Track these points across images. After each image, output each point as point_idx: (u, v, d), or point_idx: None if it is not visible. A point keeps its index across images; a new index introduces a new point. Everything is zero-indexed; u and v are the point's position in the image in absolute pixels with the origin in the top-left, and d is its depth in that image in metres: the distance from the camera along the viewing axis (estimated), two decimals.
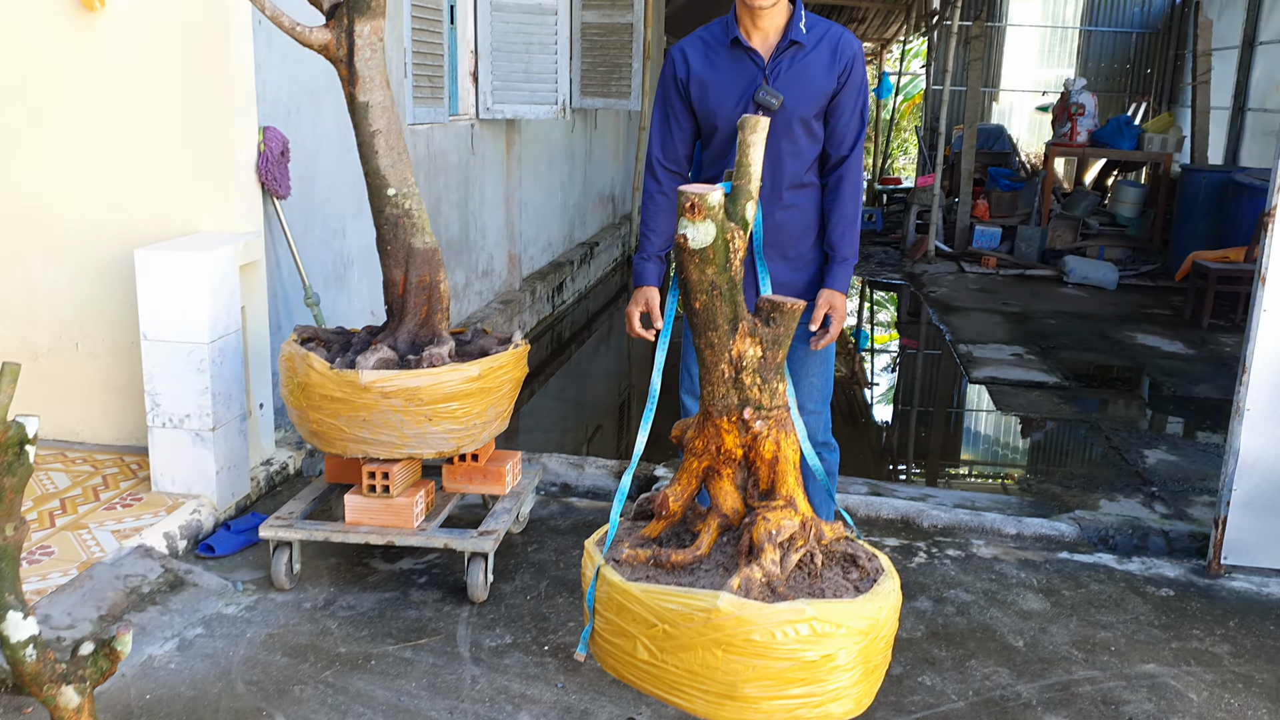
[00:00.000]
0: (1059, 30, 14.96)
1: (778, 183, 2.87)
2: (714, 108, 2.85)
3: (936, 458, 5.84)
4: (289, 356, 3.13)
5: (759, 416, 1.70)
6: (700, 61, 2.87)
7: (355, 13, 3.00)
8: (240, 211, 3.75)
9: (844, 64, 2.82)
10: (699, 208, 1.65)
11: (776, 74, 2.79)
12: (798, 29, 2.79)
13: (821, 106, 2.84)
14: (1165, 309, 9.17)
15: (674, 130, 2.96)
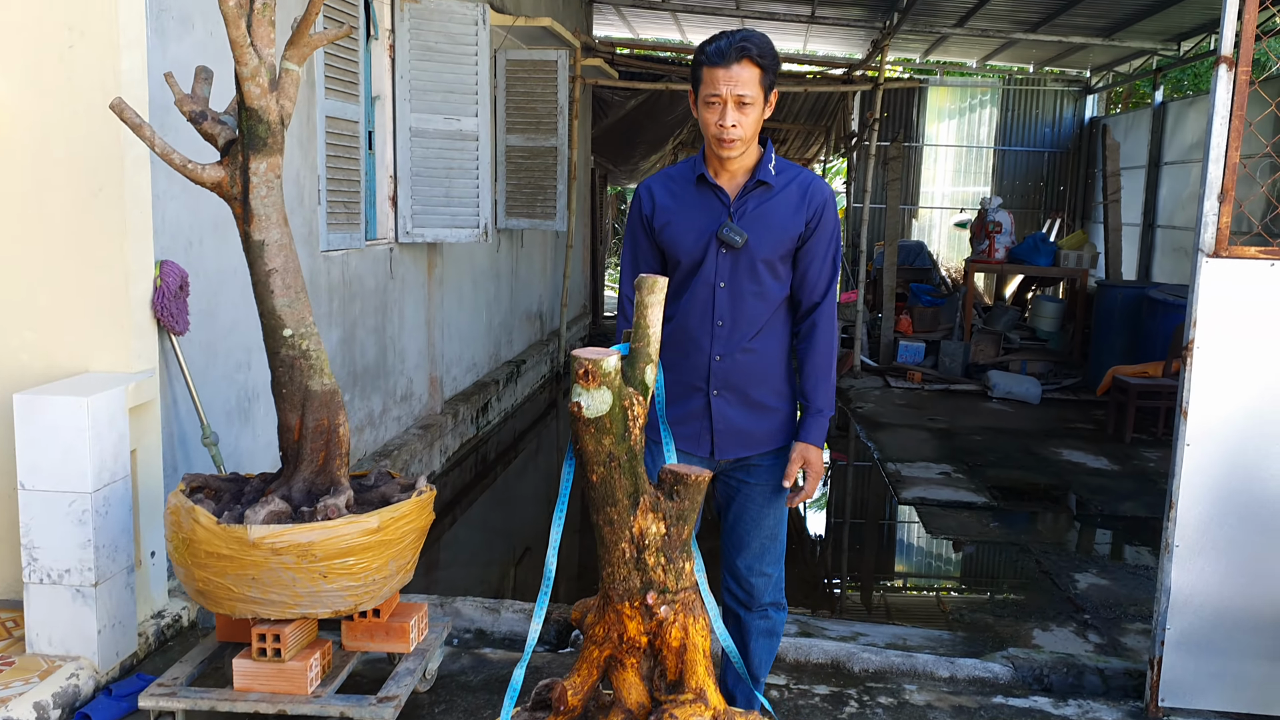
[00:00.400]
0: (974, 150, 15.43)
1: (739, 324, 2.78)
2: (677, 242, 2.80)
3: (868, 584, 5.71)
4: (174, 510, 2.92)
5: (664, 601, 1.56)
6: (666, 196, 2.84)
7: (251, 150, 2.88)
8: (133, 350, 3.55)
9: (814, 209, 2.78)
10: (593, 374, 1.52)
11: (742, 213, 2.75)
12: (766, 170, 2.76)
13: (787, 249, 2.77)
14: (1088, 423, 9.24)
15: (642, 267, 2.89)
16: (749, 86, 2.61)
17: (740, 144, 2.66)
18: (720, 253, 2.74)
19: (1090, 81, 14.84)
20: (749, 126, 2.65)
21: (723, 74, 2.60)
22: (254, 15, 2.84)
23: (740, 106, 2.62)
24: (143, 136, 2.85)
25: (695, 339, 2.79)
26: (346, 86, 5.42)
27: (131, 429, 3.49)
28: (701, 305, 2.78)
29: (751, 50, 2.61)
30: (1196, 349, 3.20)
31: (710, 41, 2.66)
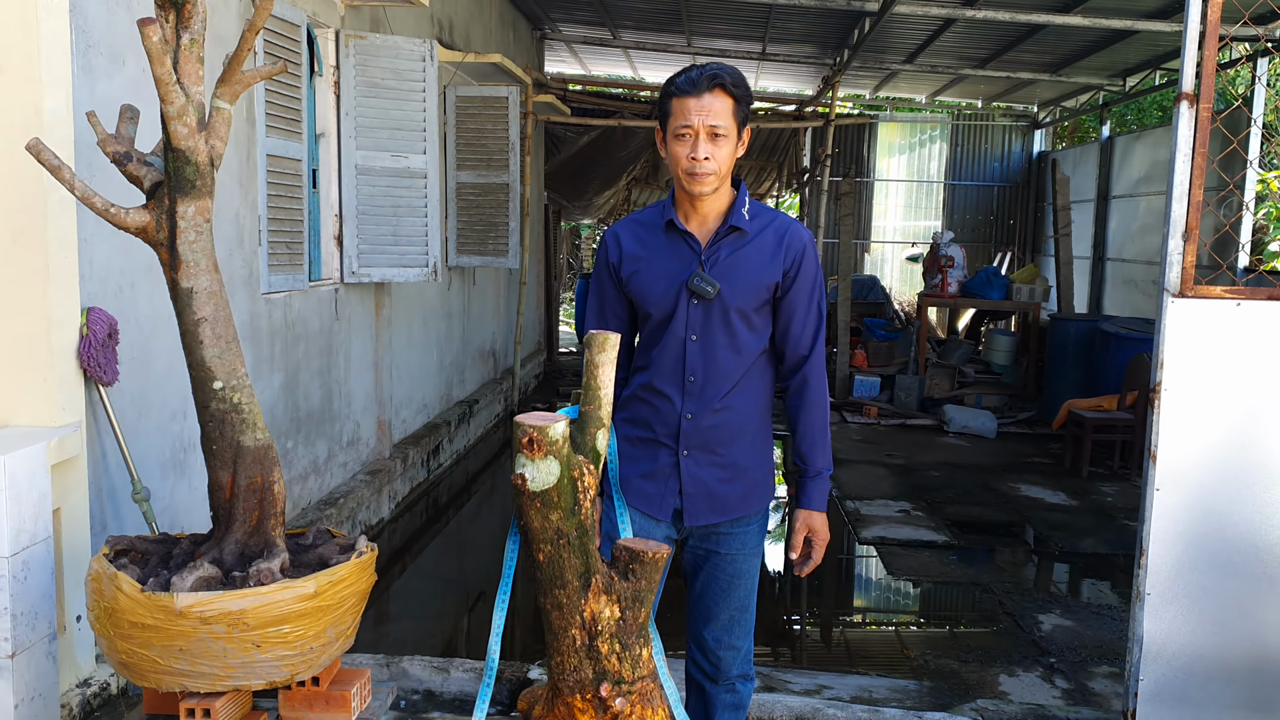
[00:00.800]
0: (924, 184, 15.52)
1: (712, 379, 2.61)
2: (646, 292, 2.63)
3: (830, 628, 5.57)
4: (96, 577, 2.73)
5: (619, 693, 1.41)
6: (633, 243, 2.67)
7: (178, 192, 2.72)
8: (57, 403, 3.36)
9: (792, 257, 2.60)
10: (538, 443, 1.38)
11: (714, 261, 2.58)
12: (739, 215, 2.59)
13: (763, 299, 2.60)
14: (1045, 457, 9.22)
15: (609, 318, 2.72)
16: (722, 117, 2.48)
17: (714, 179, 2.51)
18: (691, 304, 2.58)
19: (1038, 116, 15.01)
20: (723, 160, 2.50)
21: (694, 103, 2.47)
22: (180, 51, 2.69)
23: (713, 138, 2.48)
24: (62, 179, 2.68)
25: (665, 394, 2.62)
26: (289, 124, 5.26)
27: (54, 487, 3.29)
28: (672, 359, 2.62)
29: (724, 79, 2.48)
30: (1164, 391, 3.12)
31: (680, 73, 2.54)
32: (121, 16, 3.77)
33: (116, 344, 3.62)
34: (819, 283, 2.66)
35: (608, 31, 12.09)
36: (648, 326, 2.66)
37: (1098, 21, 8.77)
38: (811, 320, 2.65)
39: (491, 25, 9.87)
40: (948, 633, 5.32)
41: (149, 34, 2.56)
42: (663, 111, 2.56)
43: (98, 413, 3.66)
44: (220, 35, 4.52)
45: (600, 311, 2.74)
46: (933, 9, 8.92)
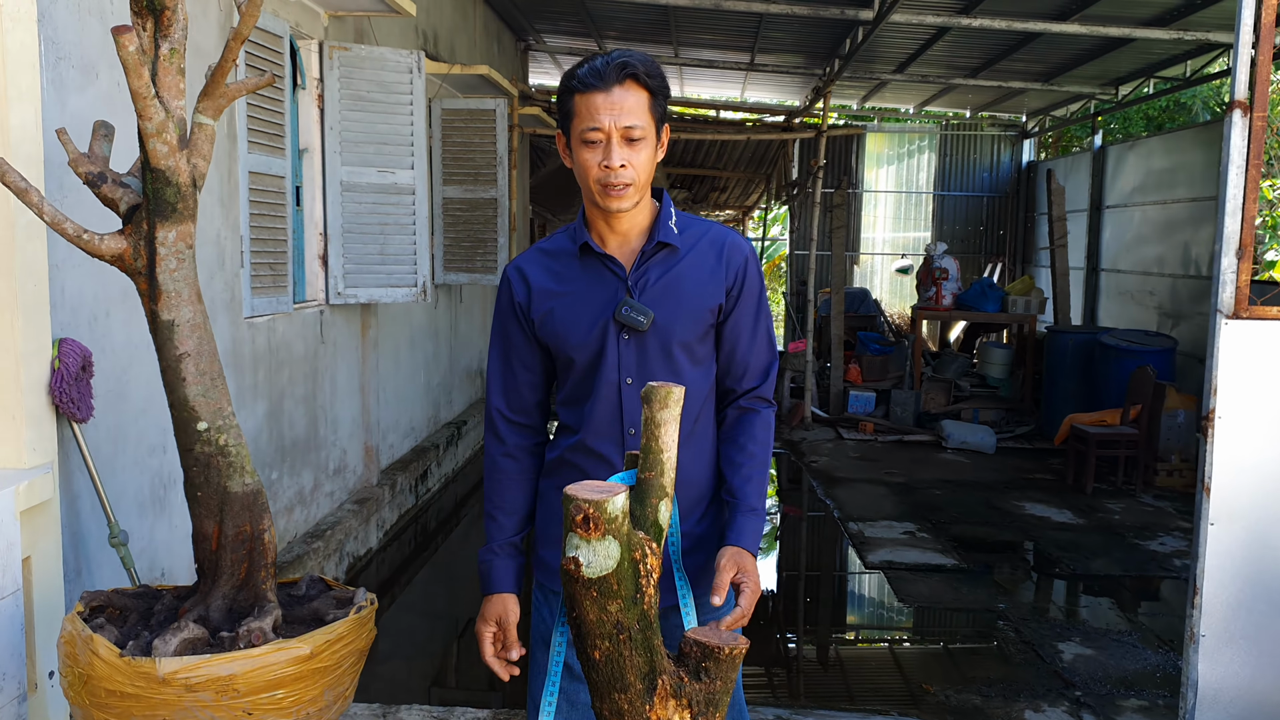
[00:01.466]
0: (913, 195, 15.38)
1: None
2: (564, 333, 2.19)
3: (844, 660, 5.35)
4: (69, 639, 2.48)
5: None
6: (543, 277, 2.23)
7: (157, 216, 2.48)
8: (27, 442, 3.11)
9: (734, 272, 2.20)
10: (596, 521, 1.16)
11: (643, 285, 2.17)
12: (667, 228, 2.18)
13: (706, 325, 2.19)
14: (1047, 473, 9.05)
15: (518, 371, 2.29)
16: (637, 115, 2.06)
17: (633, 191, 2.09)
18: (622, 339, 2.15)
19: (1026, 126, 14.90)
20: (642, 168, 2.09)
21: (602, 100, 2.03)
22: (159, 62, 2.46)
23: (629, 142, 2.06)
24: (29, 203, 2.44)
25: (600, 454, 2.19)
26: (271, 139, 5.02)
27: (24, 534, 3.04)
28: (605, 410, 2.19)
29: (637, 69, 2.06)
30: (1218, 418, 2.93)
31: (582, 64, 2.10)
32: (94, 26, 3.53)
33: (91, 376, 3.37)
34: (764, 300, 2.28)
35: (593, 43, 11.90)
36: (572, 375, 2.23)
37: (1095, 29, 8.63)
38: (761, 344, 2.25)
39: (476, 36, 9.66)
40: (966, 664, 5.11)
41: (125, 43, 2.32)
42: (563, 111, 2.11)
43: (71, 451, 3.41)
44: (199, 47, 4.28)
45: (505, 366, 2.31)
46: (928, 18, 8.76)
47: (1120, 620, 5.65)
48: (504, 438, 2.32)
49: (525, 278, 2.25)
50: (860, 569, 6.55)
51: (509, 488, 2.32)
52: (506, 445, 2.32)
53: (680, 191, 15.62)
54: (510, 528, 2.32)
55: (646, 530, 1.24)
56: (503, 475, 2.33)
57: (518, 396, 2.31)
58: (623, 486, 1.21)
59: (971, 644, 5.35)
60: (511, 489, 2.32)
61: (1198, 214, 10.05)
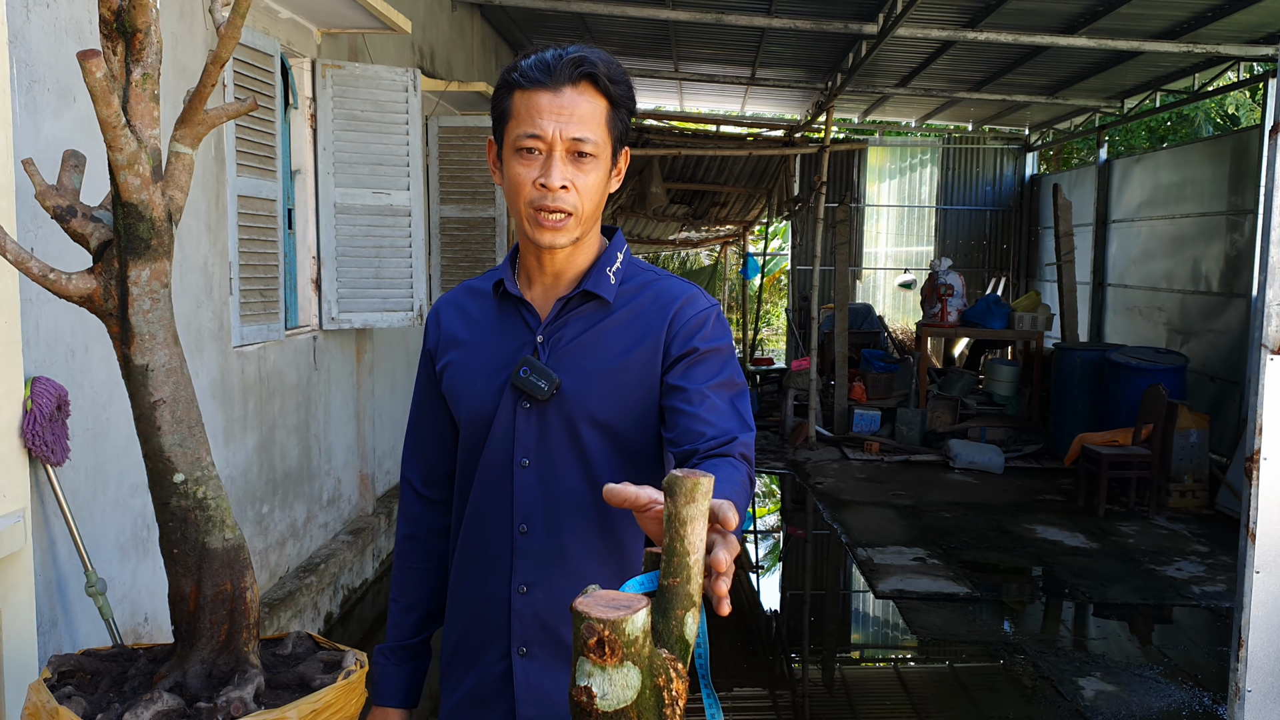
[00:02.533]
0: (916, 209, 15.23)
1: (558, 530, 1.72)
2: (459, 390, 1.78)
3: (859, 699, 5.15)
4: (34, 711, 2.29)
5: None
6: (456, 321, 1.84)
7: (130, 254, 2.30)
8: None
9: (682, 333, 1.68)
10: (612, 644, 0.98)
11: (555, 342, 1.71)
12: (601, 275, 1.72)
13: (637, 406, 1.69)
14: (1057, 494, 8.88)
15: (428, 433, 1.90)
16: (590, 125, 1.61)
17: (573, 223, 1.64)
18: (521, 408, 1.70)
19: (1029, 139, 14.76)
20: (588, 194, 1.64)
21: (548, 101, 1.60)
22: (131, 89, 2.28)
23: (576, 158, 1.62)
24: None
25: (487, 555, 1.76)
26: (262, 161, 4.86)
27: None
28: (494, 497, 1.74)
29: (596, 69, 1.61)
30: (1264, 460, 2.75)
31: (528, 53, 1.65)
32: (71, 48, 3.36)
33: (67, 416, 3.20)
34: (733, 367, 1.69)
35: None
36: (463, 448, 1.81)
37: (1103, 43, 8.48)
38: (722, 410, 1.62)
39: (474, 52, 9.51)
40: (985, 703, 4.92)
41: (92, 69, 2.14)
42: (498, 112, 1.68)
43: (45, 495, 3.23)
44: (185, 67, 4.12)
45: (418, 426, 1.93)
46: (933, 31, 8.62)
47: (1141, 653, 5.47)
48: (410, 515, 1.95)
49: (439, 321, 1.87)
50: (871, 598, 6.36)
51: (410, 577, 1.95)
52: (412, 525, 1.95)
53: (680, 207, 15.46)
54: (407, 627, 1.94)
55: (671, 647, 1.07)
56: (406, 562, 1.96)
57: (429, 464, 1.92)
58: (643, 599, 1.03)
59: (989, 680, 5.16)
60: (413, 579, 1.95)
61: (1207, 229, 9.89)
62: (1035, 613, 6.21)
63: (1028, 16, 8.38)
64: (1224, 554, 7.11)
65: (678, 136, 13.28)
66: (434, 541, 1.94)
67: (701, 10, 8.69)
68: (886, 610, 6.18)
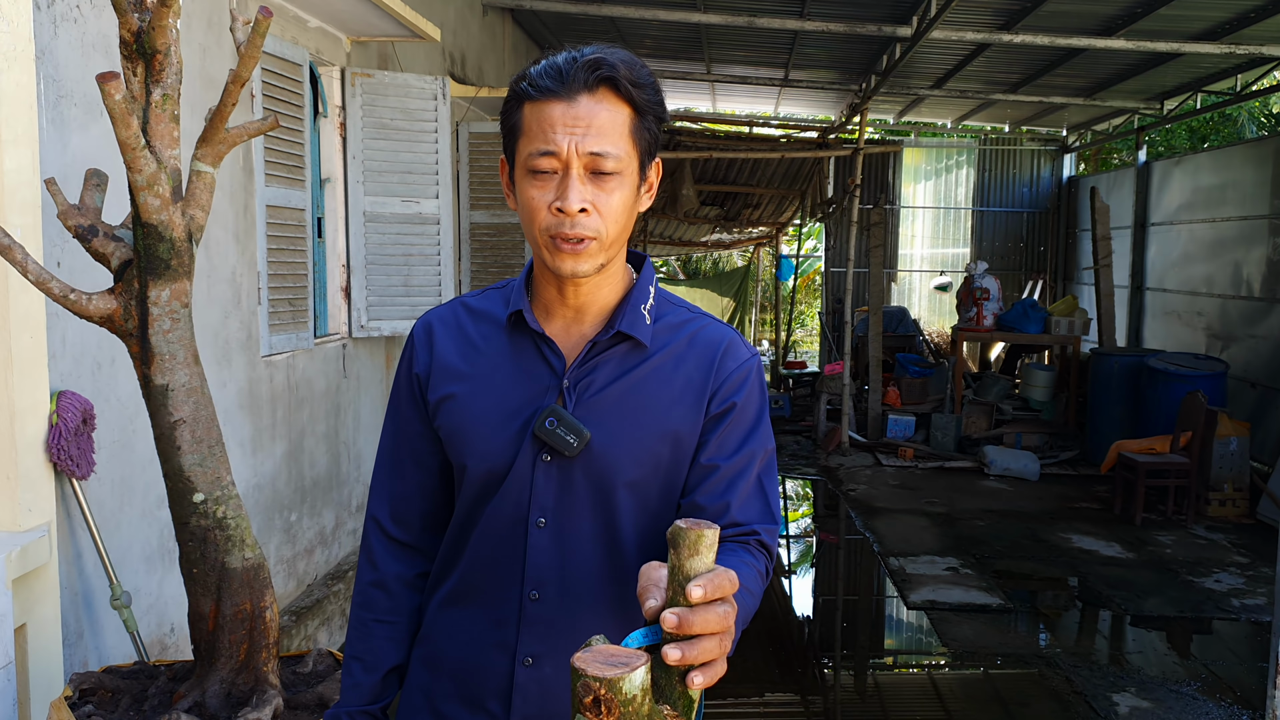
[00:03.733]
0: (951, 211, 15.08)
1: (574, 598, 1.54)
2: (463, 432, 1.56)
3: (893, 715, 5.09)
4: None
5: None
6: (453, 345, 1.61)
7: (150, 274, 2.30)
8: (21, 504, 2.94)
9: (728, 387, 1.54)
10: (609, 703, 0.95)
11: (585, 389, 1.53)
12: (635, 314, 1.53)
13: (670, 464, 1.53)
14: (1093, 502, 8.75)
15: (407, 468, 1.67)
16: (611, 138, 1.42)
17: (596, 248, 1.45)
18: (541, 460, 1.52)
19: (1067, 140, 14.57)
20: (613, 215, 1.45)
21: (562, 113, 1.41)
22: (151, 110, 2.28)
23: (596, 176, 1.43)
24: (12, 261, 2.28)
25: (487, 619, 1.57)
26: (291, 171, 4.87)
27: (18, 601, 2.87)
28: (499, 558, 1.56)
29: (616, 72, 1.42)
30: None
31: (540, 59, 1.48)
32: (98, 63, 3.38)
33: (93, 430, 3.21)
34: (766, 432, 1.58)
35: None
36: (465, 495, 1.59)
37: (1142, 44, 8.35)
38: (750, 491, 1.53)
39: (505, 56, 9.51)
40: (1017, 717, 4.84)
41: (111, 91, 2.15)
42: (507, 128, 1.50)
43: (71, 508, 3.25)
44: (214, 79, 4.13)
45: (393, 458, 1.68)
46: (968, 34, 8.51)
47: (1178, 667, 5.36)
48: (377, 560, 1.69)
49: (431, 341, 1.63)
50: (903, 609, 6.29)
51: (375, 633, 1.68)
52: (379, 572, 1.69)
53: (712, 209, 15.41)
54: (369, 690, 1.67)
55: (673, 704, 1.04)
56: (368, 613, 1.69)
57: (404, 503, 1.68)
58: (642, 656, 1.00)
59: (1022, 693, 5.08)
60: (377, 635, 1.68)
61: (1249, 233, 9.72)
62: (1069, 624, 6.12)
63: (1064, 18, 8.26)
64: (1265, 565, 6.97)
65: (710, 138, 13.24)
66: (404, 593, 1.69)
67: (733, 13, 8.64)
68: (918, 621, 6.11)
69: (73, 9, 3.26)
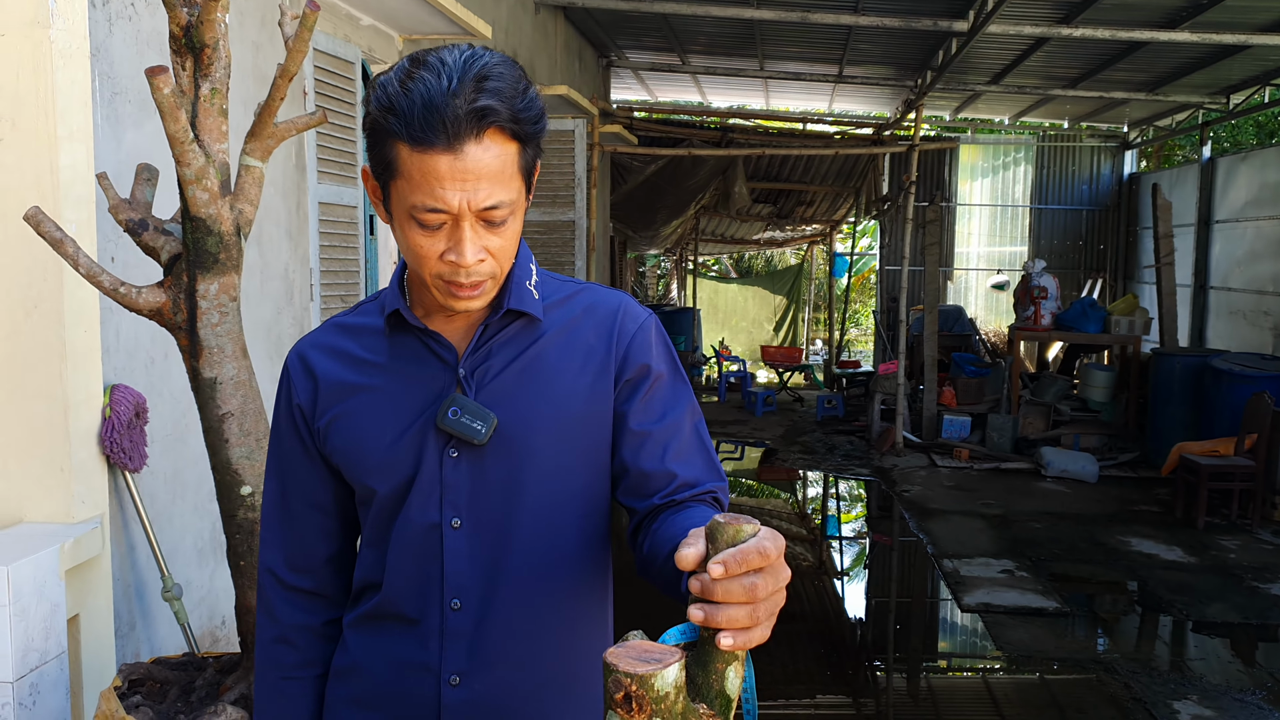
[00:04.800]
0: (1009, 208, 14.86)
1: (497, 605, 1.44)
2: (359, 448, 1.45)
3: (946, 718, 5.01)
4: (103, 718, 2.33)
5: None
6: (335, 365, 1.49)
7: (198, 268, 2.32)
8: (75, 496, 2.98)
9: (630, 352, 1.47)
10: (640, 700, 0.93)
11: (484, 375, 1.43)
12: (523, 290, 1.45)
13: (583, 445, 1.45)
14: (1153, 505, 8.56)
15: (298, 511, 1.53)
16: (502, 183, 1.31)
17: (491, 285, 1.38)
18: (449, 458, 1.42)
19: (1128, 137, 14.29)
20: (506, 250, 1.37)
21: (449, 167, 1.27)
22: (200, 104, 2.30)
23: (491, 226, 1.33)
24: (64, 255, 2.30)
25: (404, 642, 1.46)
26: (343, 168, 4.90)
27: (71, 592, 2.90)
28: (415, 571, 1.44)
29: (499, 115, 1.28)
30: None
31: (404, 81, 1.28)
32: (152, 60, 3.41)
33: (145, 424, 3.25)
34: (687, 390, 1.51)
35: (676, 57, 11.70)
36: (372, 513, 1.47)
37: (1207, 37, 8.15)
38: (690, 446, 1.46)
39: (557, 55, 9.52)
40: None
41: (159, 85, 2.17)
42: (381, 159, 1.33)
43: (124, 500, 3.29)
44: (267, 76, 4.16)
45: (281, 502, 1.54)
46: (1026, 28, 8.37)
47: (1242, 675, 5.22)
48: (277, 613, 1.55)
49: (309, 368, 1.50)
50: (956, 611, 6.19)
51: (285, 690, 1.55)
52: (280, 625, 1.55)
53: (764, 206, 15.33)
54: None
55: (710, 702, 1.00)
56: (275, 671, 1.56)
57: (300, 550, 1.54)
58: (676, 652, 0.97)
59: (1078, 698, 4.98)
60: (290, 692, 1.55)
61: None
62: (1128, 629, 5.98)
63: (1126, 11, 8.09)
64: None
65: (762, 135, 13.16)
66: (312, 644, 1.55)
67: (787, 9, 8.57)
68: (972, 624, 6.01)
69: (127, 6, 3.30)
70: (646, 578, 1.36)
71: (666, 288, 20.59)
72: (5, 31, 2.81)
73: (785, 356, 14.89)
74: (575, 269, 7.97)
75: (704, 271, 20.60)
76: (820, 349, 19.09)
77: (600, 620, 1.54)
